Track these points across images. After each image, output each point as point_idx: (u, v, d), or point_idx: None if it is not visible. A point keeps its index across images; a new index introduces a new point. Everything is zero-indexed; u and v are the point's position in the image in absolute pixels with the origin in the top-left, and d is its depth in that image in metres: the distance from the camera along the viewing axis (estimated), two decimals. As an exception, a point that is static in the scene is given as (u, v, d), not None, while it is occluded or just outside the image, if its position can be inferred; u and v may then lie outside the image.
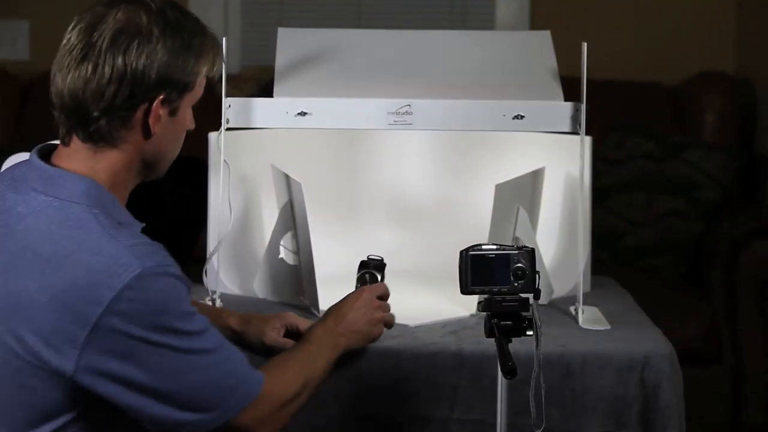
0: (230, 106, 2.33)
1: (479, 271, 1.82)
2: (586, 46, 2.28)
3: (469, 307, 2.30)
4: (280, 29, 2.45)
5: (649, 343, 2.15)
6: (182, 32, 1.72)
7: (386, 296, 2.09)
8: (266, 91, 2.40)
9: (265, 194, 2.55)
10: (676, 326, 3.12)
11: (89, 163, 1.72)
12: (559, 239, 2.55)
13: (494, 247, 1.84)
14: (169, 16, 1.72)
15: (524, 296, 1.82)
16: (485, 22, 4.61)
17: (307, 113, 2.32)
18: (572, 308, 2.33)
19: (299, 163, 2.55)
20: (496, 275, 1.82)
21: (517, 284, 1.82)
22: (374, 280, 2.21)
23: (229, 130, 2.33)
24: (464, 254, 1.83)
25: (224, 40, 2.04)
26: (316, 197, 2.45)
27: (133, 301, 1.61)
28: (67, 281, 1.61)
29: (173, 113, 1.75)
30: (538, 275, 1.83)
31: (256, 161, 2.53)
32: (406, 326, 2.20)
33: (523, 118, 2.32)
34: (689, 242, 3.90)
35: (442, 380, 2.09)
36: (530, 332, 1.80)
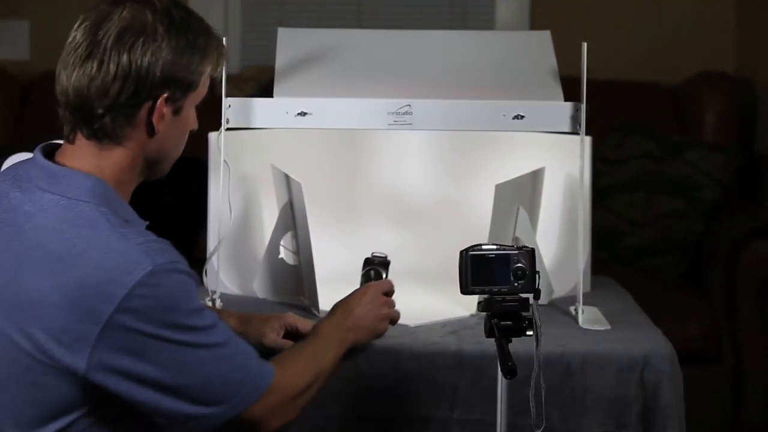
0: (230, 106, 2.33)
1: (479, 271, 1.82)
2: (586, 46, 2.28)
3: (469, 307, 2.29)
4: (280, 29, 2.45)
5: (649, 343, 2.15)
6: (187, 31, 1.73)
7: (391, 292, 2.10)
8: (266, 91, 2.40)
9: (265, 194, 2.55)
10: (676, 326, 3.12)
11: (94, 161, 1.72)
12: (559, 239, 2.55)
13: (494, 247, 1.84)
14: (174, 15, 1.72)
15: (524, 296, 1.82)
16: (485, 22, 4.61)
17: (307, 113, 2.32)
18: (572, 308, 2.33)
19: (299, 163, 2.55)
20: (496, 275, 1.82)
21: (517, 284, 1.82)
22: (379, 276, 2.22)
23: (229, 130, 2.34)
24: (464, 254, 1.83)
25: (224, 40, 2.04)
26: (316, 197, 2.45)
27: (144, 298, 1.61)
28: (78, 279, 1.61)
29: (177, 112, 1.75)
30: (538, 275, 1.83)
31: (256, 161, 2.53)
32: (406, 326, 2.20)
33: (523, 118, 2.32)
34: (689, 242, 3.89)
35: (442, 380, 2.09)
36: (530, 332, 1.80)
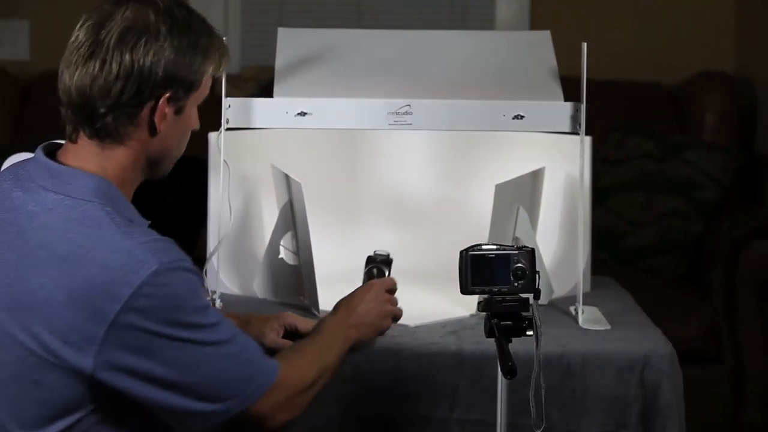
0: (230, 106, 2.33)
1: (479, 271, 1.82)
2: (586, 46, 2.28)
3: (469, 307, 2.29)
4: (280, 29, 2.45)
5: (649, 343, 2.15)
6: (189, 31, 1.73)
7: (394, 290, 2.10)
8: (266, 91, 2.41)
9: (265, 194, 2.55)
10: (676, 326, 3.12)
11: (97, 160, 1.72)
12: (559, 239, 2.55)
13: (494, 247, 1.84)
14: (176, 15, 1.73)
15: (524, 296, 1.82)
16: (485, 22, 4.61)
17: (307, 113, 2.32)
18: (572, 308, 2.33)
19: (299, 163, 2.55)
20: (496, 275, 1.82)
21: (517, 284, 1.82)
22: (381, 274, 2.23)
23: (229, 130, 2.34)
24: (464, 254, 1.82)
25: (224, 40, 2.04)
26: (316, 197, 2.45)
27: (150, 297, 1.61)
28: (83, 279, 1.61)
29: (179, 112, 1.75)
30: (538, 275, 1.83)
31: (256, 161, 2.53)
32: (406, 326, 2.20)
33: (523, 118, 2.32)
34: (689, 242, 3.89)
35: (442, 380, 2.09)
36: (530, 332, 1.80)
